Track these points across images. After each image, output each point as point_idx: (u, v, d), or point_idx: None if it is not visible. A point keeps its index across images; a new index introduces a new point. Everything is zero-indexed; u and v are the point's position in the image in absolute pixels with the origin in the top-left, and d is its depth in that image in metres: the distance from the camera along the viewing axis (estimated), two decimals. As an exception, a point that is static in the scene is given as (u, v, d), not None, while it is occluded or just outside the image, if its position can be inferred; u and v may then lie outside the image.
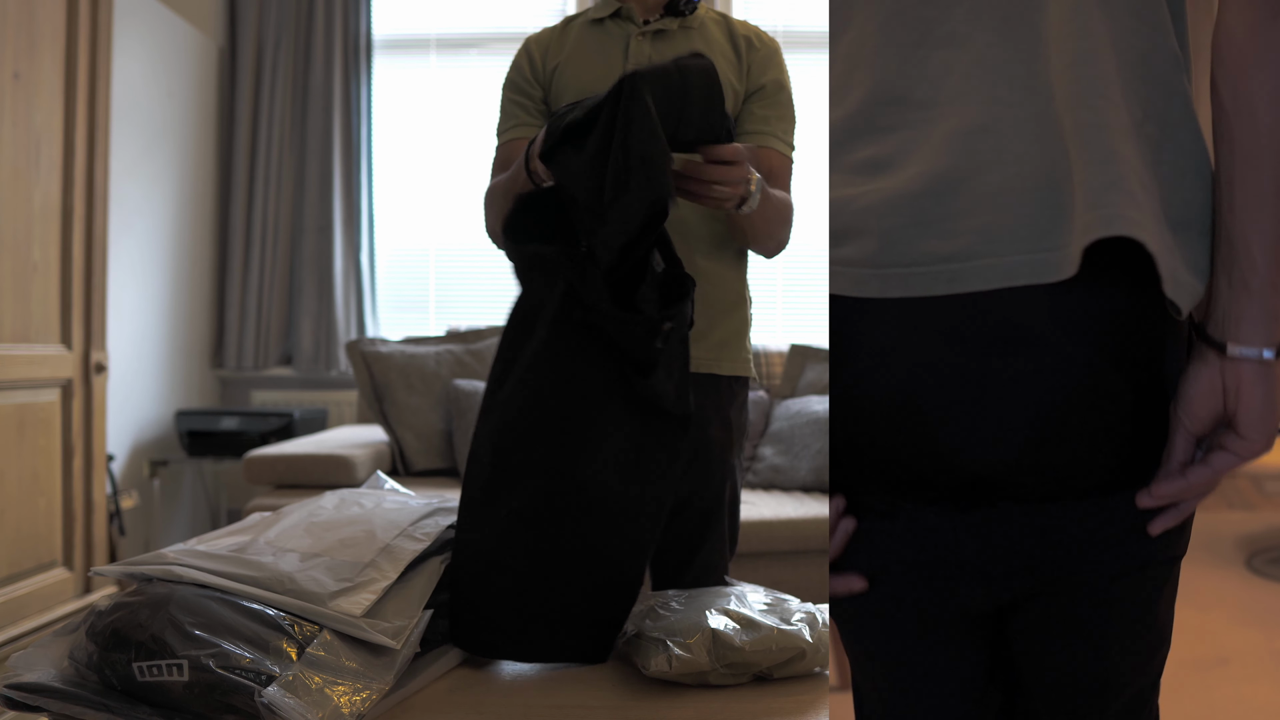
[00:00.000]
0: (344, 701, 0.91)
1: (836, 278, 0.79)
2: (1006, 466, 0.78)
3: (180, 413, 3.62)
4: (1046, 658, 0.88)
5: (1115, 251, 0.75)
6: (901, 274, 0.77)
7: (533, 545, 1.09)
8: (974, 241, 0.76)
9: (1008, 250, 0.75)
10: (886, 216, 0.78)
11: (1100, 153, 0.74)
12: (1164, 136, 0.78)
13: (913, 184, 0.78)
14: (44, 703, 0.92)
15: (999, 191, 0.77)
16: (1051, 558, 0.82)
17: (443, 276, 4.15)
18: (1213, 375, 0.78)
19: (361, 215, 4.03)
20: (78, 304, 2.65)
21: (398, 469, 3.27)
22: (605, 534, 1.10)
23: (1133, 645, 0.86)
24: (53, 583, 2.55)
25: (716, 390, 1.48)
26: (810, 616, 1.13)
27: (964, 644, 0.88)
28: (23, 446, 2.45)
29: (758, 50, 1.51)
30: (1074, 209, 0.75)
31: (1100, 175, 0.73)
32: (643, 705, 1.02)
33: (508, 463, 1.10)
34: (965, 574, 0.83)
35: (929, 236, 0.77)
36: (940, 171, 0.78)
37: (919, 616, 0.86)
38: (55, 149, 2.55)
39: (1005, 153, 0.77)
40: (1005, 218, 0.76)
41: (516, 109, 1.54)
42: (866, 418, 0.80)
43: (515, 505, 1.09)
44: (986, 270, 0.76)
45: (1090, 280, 0.75)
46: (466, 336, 3.57)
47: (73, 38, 2.58)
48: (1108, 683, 0.87)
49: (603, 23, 1.52)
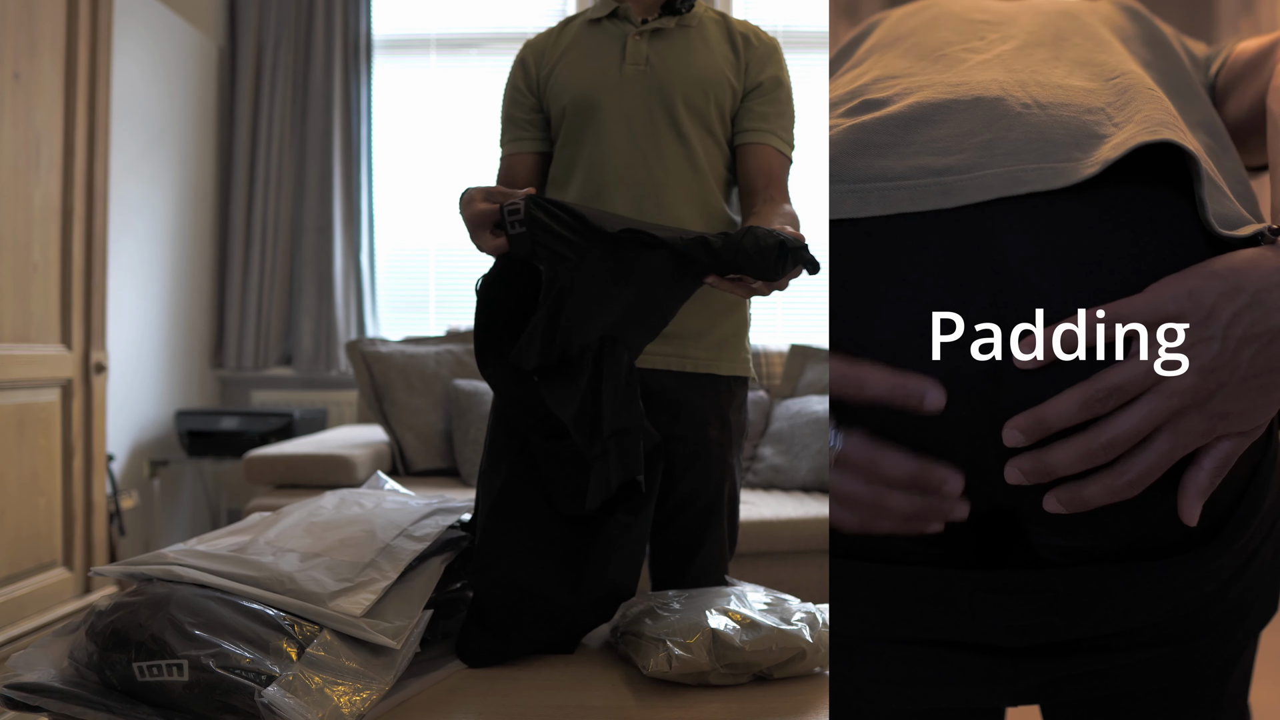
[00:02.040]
0: (344, 701, 0.91)
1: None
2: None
3: (180, 413, 3.62)
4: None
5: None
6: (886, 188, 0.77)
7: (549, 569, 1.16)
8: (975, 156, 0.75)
9: (1010, 162, 0.74)
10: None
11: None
12: (1219, 146, 0.78)
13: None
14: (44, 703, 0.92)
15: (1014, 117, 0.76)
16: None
17: (443, 276, 4.15)
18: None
19: (361, 215, 4.03)
20: (78, 304, 2.64)
21: (398, 469, 3.27)
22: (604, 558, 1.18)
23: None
24: (53, 583, 2.55)
25: (715, 390, 1.48)
26: (810, 616, 1.13)
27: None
28: (23, 446, 2.45)
29: (756, 48, 1.50)
30: (1105, 135, 0.73)
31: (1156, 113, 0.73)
32: (643, 705, 1.02)
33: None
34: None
35: (924, 155, 0.76)
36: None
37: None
38: (55, 149, 2.55)
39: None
40: (1012, 134, 0.75)
41: (511, 123, 1.55)
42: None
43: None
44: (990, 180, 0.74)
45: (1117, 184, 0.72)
46: (466, 336, 3.56)
47: (73, 38, 2.58)
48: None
49: (600, 22, 1.52)
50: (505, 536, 1.15)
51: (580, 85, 1.47)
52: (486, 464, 1.20)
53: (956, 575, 0.78)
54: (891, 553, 0.79)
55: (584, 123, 1.47)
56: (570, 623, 1.19)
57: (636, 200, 1.41)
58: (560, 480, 1.14)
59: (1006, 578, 0.77)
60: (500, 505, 1.16)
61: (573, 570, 1.15)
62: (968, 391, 0.72)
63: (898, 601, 0.80)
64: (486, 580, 1.16)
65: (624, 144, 1.45)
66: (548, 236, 1.12)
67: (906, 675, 0.84)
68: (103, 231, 2.73)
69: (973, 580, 0.77)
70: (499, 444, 1.19)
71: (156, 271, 3.65)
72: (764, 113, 1.49)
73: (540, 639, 1.16)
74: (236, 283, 4.04)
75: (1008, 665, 0.81)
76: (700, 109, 1.46)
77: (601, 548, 1.16)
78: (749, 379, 1.55)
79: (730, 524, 1.52)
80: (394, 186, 4.12)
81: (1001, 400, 0.72)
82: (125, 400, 3.40)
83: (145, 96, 3.50)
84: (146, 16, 3.50)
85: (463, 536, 1.20)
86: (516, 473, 1.16)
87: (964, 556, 0.78)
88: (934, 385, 0.71)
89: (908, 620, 0.81)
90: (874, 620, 0.82)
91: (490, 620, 1.15)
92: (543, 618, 1.15)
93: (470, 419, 3.21)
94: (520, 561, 1.14)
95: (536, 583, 1.14)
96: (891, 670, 0.84)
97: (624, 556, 1.18)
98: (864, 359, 0.73)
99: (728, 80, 1.47)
